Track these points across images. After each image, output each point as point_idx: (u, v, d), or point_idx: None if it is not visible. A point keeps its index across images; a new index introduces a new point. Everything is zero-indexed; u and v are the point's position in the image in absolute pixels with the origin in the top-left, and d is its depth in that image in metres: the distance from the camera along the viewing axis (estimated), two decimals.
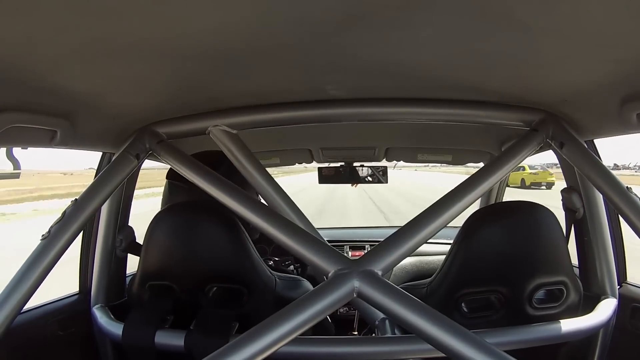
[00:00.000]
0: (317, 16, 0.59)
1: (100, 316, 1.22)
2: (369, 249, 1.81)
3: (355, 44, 0.69)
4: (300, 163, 2.06)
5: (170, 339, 1.03)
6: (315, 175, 2.13)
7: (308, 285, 1.19)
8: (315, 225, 1.17)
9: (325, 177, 2.10)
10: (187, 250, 1.05)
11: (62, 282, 1.36)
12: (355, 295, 0.82)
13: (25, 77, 0.72)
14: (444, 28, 0.63)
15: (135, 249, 1.32)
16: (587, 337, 1.11)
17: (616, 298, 1.19)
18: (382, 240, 0.91)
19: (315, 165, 2.12)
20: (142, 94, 0.91)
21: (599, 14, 0.57)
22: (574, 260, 1.17)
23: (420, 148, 1.90)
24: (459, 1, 0.55)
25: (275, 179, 1.08)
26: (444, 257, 1.13)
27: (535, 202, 1.08)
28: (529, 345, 1.00)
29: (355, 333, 1.86)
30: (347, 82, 0.92)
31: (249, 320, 0.91)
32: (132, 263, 1.27)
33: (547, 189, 18.25)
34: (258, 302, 1.07)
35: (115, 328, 1.15)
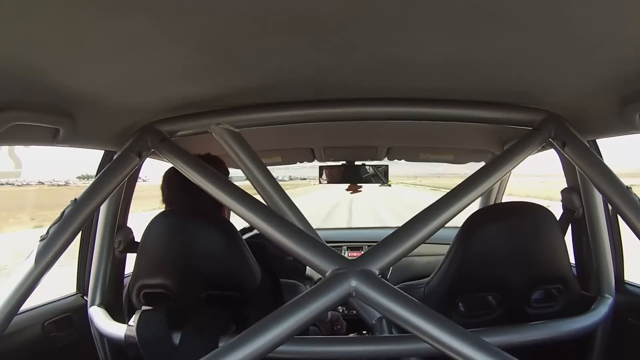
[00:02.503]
0: (319, 15, 0.59)
1: (98, 317, 1.21)
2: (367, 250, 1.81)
3: (357, 44, 0.69)
4: (302, 162, 2.06)
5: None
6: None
7: (305, 289, 1.19)
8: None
9: (326, 176, 2.09)
10: (182, 255, 1.05)
11: None
12: (352, 295, 0.81)
13: (27, 75, 0.72)
14: (445, 28, 0.63)
15: (134, 248, 1.31)
16: (585, 336, 1.11)
17: (613, 297, 1.19)
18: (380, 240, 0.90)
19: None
20: (145, 92, 0.91)
21: (602, 14, 0.57)
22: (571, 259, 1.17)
23: (422, 147, 1.90)
24: (461, 1, 0.55)
25: None
26: (442, 257, 1.12)
27: (534, 202, 1.09)
28: (527, 345, 1.00)
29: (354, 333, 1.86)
30: (349, 82, 0.92)
31: (245, 324, 0.90)
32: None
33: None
34: (255, 307, 1.07)
35: (112, 328, 1.15)
